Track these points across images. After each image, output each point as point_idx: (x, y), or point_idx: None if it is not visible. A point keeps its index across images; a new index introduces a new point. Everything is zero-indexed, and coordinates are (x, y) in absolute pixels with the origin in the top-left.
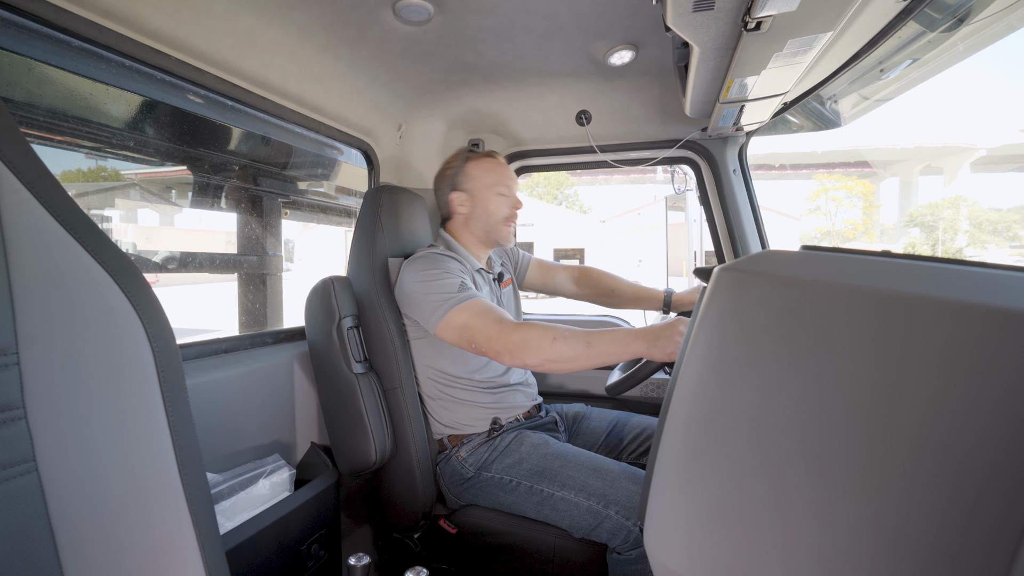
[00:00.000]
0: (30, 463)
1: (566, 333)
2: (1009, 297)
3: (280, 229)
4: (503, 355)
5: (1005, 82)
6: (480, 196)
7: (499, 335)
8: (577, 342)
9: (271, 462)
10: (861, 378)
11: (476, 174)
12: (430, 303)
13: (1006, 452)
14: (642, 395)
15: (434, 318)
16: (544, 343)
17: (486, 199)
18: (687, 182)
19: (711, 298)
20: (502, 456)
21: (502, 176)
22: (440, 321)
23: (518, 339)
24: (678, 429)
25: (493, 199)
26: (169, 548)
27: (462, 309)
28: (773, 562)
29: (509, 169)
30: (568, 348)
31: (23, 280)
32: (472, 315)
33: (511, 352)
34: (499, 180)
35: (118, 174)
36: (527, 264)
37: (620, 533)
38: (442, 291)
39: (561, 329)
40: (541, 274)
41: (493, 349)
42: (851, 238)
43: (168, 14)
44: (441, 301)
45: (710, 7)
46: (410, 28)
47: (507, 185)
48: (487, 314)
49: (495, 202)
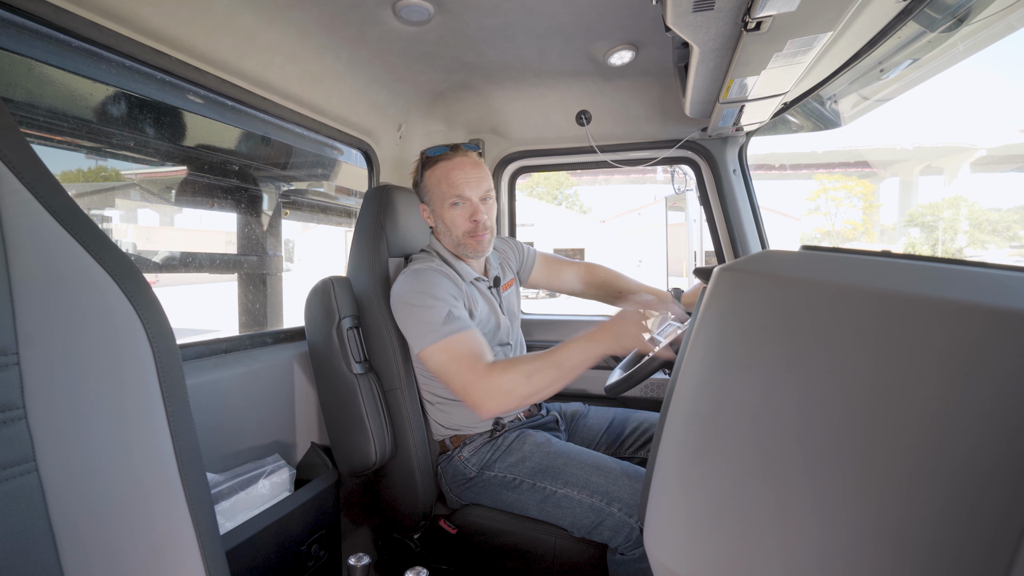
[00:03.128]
0: (30, 463)
1: (537, 364)
2: (1009, 297)
3: (280, 229)
4: (480, 409)
5: (1005, 82)
6: (437, 210)
7: (475, 384)
8: (549, 368)
9: (271, 462)
10: (861, 378)
11: (430, 184)
12: (415, 331)
13: (1006, 452)
14: (642, 395)
15: (416, 347)
16: (519, 383)
17: (442, 213)
18: (687, 182)
19: (711, 298)
20: (505, 455)
21: (452, 184)
22: (421, 352)
23: (493, 386)
24: (678, 429)
25: (447, 212)
26: (169, 548)
27: (442, 348)
28: (773, 562)
29: (468, 169)
30: (543, 378)
31: (23, 280)
32: (450, 358)
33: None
34: (449, 189)
35: (118, 174)
36: (533, 261)
37: (622, 531)
38: (427, 321)
39: (530, 361)
40: (547, 271)
41: (470, 400)
42: (851, 238)
43: (168, 14)
44: (425, 332)
45: (710, 7)
46: (410, 28)
47: (459, 194)
48: (463, 359)
49: (450, 215)
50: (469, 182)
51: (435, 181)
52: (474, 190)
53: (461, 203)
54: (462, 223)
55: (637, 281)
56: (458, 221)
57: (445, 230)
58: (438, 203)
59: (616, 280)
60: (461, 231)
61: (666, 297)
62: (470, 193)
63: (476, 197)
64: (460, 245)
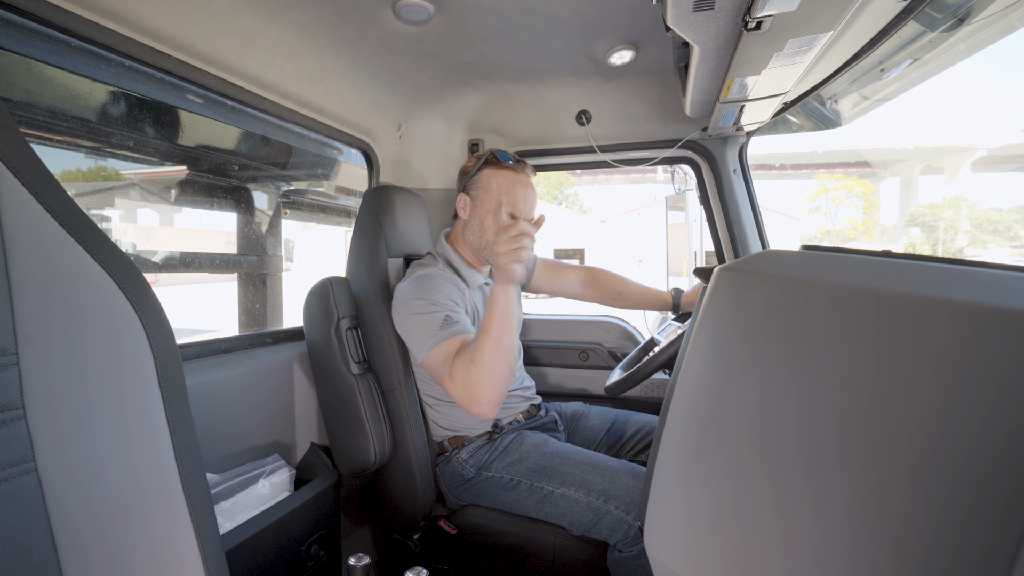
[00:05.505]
0: (30, 463)
1: (473, 344)
2: (1009, 297)
3: (280, 229)
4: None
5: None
6: (481, 208)
7: (452, 381)
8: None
9: (271, 462)
10: (861, 378)
11: (488, 184)
12: (416, 338)
13: (1006, 452)
14: (642, 395)
15: (418, 355)
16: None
17: (485, 214)
18: (687, 182)
19: (711, 298)
20: (502, 456)
21: (515, 197)
22: (423, 360)
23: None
24: (678, 429)
25: (494, 217)
26: (169, 548)
27: (435, 354)
28: (773, 562)
29: (530, 192)
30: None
31: (23, 280)
32: (440, 361)
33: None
34: (509, 201)
35: (118, 174)
36: (533, 265)
37: (620, 529)
38: (425, 327)
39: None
40: (548, 276)
41: (458, 400)
42: (851, 238)
43: (168, 14)
44: (424, 339)
45: (710, 7)
46: (410, 28)
47: (516, 208)
48: (448, 360)
49: (495, 220)
50: (528, 203)
51: (496, 184)
52: (529, 213)
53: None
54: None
55: (637, 283)
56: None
57: (480, 230)
58: (488, 204)
59: (616, 283)
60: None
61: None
62: (526, 212)
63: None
64: (483, 248)
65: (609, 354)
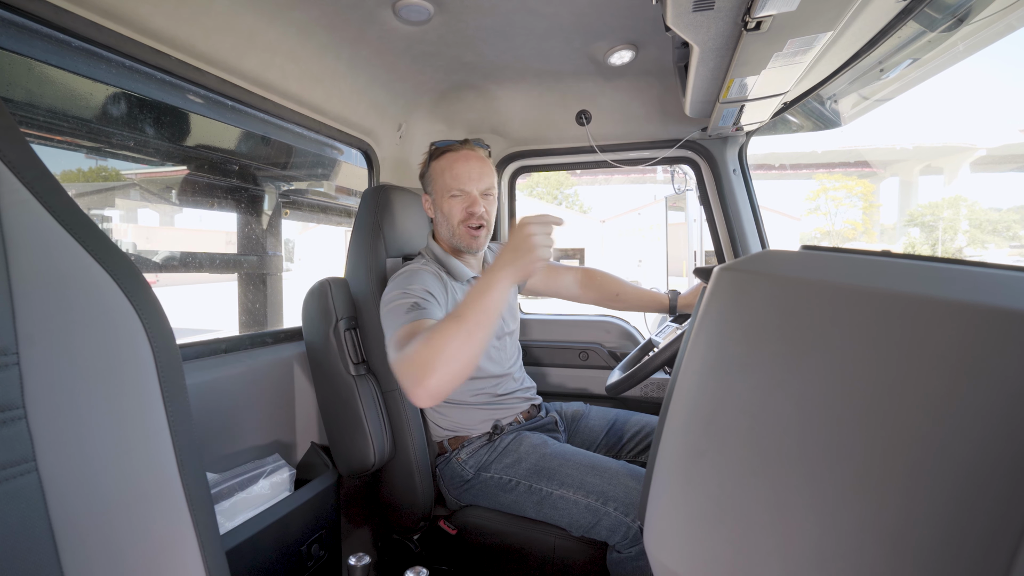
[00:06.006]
0: (30, 463)
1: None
2: (1009, 297)
3: (280, 229)
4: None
5: (1005, 82)
6: (437, 200)
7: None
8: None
9: (271, 462)
10: (861, 378)
11: (435, 174)
12: (386, 329)
13: (1006, 452)
14: (642, 395)
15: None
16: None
17: (441, 203)
18: (687, 182)
19: (711, 298)
20: (501, 456)
21: (455, 175)
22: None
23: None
24: (678, 429)
25: (446, 202)
26: (169, 548)
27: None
28: (773, 562)
29: (472, 163)
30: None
31: (23, 280)
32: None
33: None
34: (452, 181)
35: (118, 174)
36: None
37: (619, 530)
38: (395, 316)
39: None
40: (545, 277)
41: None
42: (851, 238)
43: (168, 14)
44: (391, 328)
45: (710, 7)
46: (410, 28)
47: (460, 186)
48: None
49: (448, 205)
50: (471, 175)
51: (439, 171)
52: (475, 184)
53: (461, 195)
54: (458, 213)
55: (635, 285)
56: (455, 211)
57: (443, 220)
58: (439, 193)
59: (613, 284)
60: (456, 220)
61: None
62: (471, 187)
63: (476, 191)
64: (455, 236)
65: (609, 354)
